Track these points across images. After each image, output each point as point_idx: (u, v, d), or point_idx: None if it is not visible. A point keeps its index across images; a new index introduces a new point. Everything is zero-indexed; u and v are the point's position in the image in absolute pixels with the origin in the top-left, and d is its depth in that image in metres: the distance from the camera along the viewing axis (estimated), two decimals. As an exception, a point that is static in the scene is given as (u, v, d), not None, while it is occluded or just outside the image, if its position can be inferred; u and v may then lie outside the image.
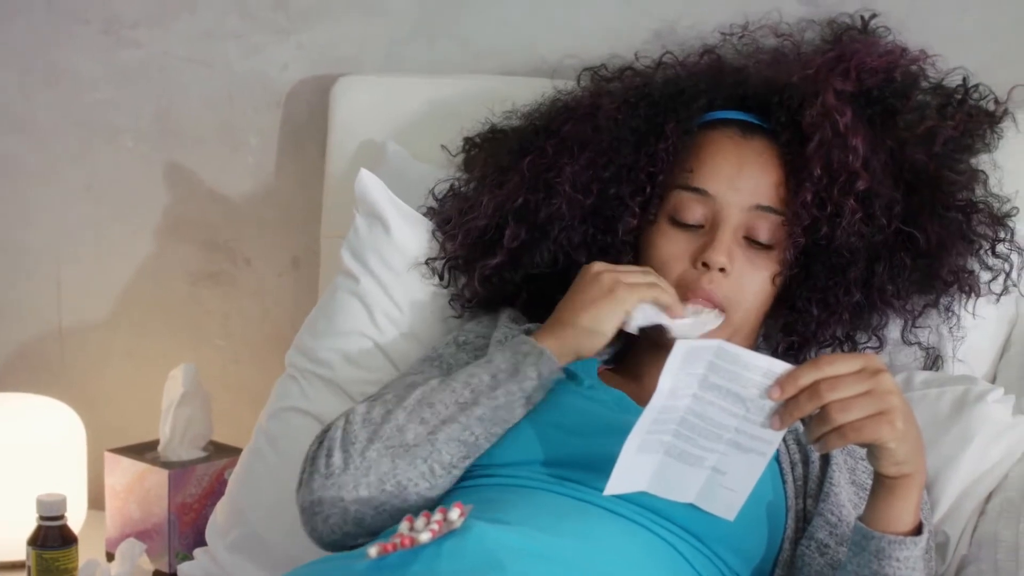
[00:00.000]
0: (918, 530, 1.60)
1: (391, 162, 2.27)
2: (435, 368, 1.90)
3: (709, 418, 1.53)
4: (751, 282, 1.84)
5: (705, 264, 1.82)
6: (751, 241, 1.85)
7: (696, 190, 1.85)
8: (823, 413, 1.50)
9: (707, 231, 1.84)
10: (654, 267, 1.85)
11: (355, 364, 2.07)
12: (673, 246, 1.86)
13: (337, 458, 1.72)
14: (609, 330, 1.75)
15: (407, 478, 1.70)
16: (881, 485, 1.58)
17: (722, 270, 1.81)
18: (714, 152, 1.88)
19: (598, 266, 1.79)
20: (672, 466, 1.57)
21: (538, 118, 2.06)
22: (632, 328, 1.77)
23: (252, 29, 2.55)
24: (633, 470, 1.57)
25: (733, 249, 1.83)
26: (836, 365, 1.51)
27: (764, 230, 1.85)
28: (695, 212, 1.86)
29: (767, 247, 1.85)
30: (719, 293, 1.82)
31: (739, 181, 1.85)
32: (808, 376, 1.50)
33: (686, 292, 1.81)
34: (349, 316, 2.08)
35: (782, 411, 1.51)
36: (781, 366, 1.51)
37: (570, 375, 1.83)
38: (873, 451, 1.54)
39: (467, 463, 1.72)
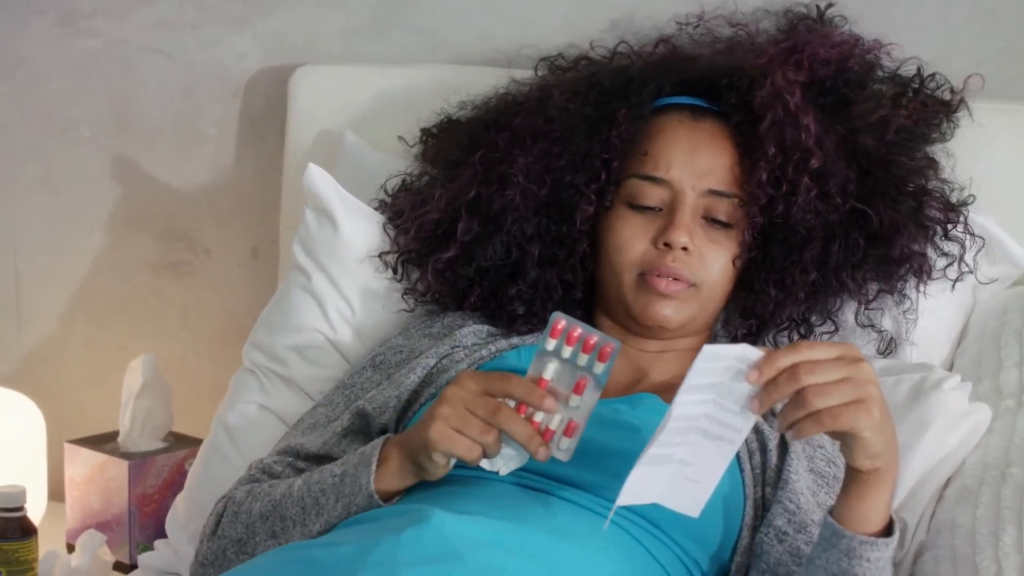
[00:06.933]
0: (888, 529, 1.57)
1: (349, 152, 2.26)
2: (344, 398, 1.91)
3: (683, 416, 1.48)
4: (713, 260, 1.86)
5: (667, 244, 1.83)
6: (711, 220, 1.86)
7: (651, 178, 1.86)
8: (799, 397, 1.46)
9: (666, 213, 1.86)
10: (613, 250, 1.87)
11: (310, 362, 2.08)
12: (631, 228, 1.87)
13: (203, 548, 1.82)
14: (436, 472, 1.64)
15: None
16: (854, 480, 1.55)
17: (684, 249, 1.83)
18: (667, 137, 1.89)
19: (452, 392, 1.61)
20: (644, 473, 1.51)
21: (486, 112, 2.06)
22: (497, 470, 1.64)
23: (209, 19, 2.54)
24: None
25: (693, 228, 1.84)
26: (815, 350, 1.48)
27: (722, 211, 1.86)
28: (652, 196, 1.87)
29: (726, 225, 1.87)
30: (685, 271, 1.83)
31: (693, 164, 1.86)
32: (787, 359, 1.46)
33: (650, 271, 1.83)
34: (302, 312, 2.08)
35: (760, 394, 1.47)
36: (755, 352, 1.47)
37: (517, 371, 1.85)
38: (848, 442, 1.51)
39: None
